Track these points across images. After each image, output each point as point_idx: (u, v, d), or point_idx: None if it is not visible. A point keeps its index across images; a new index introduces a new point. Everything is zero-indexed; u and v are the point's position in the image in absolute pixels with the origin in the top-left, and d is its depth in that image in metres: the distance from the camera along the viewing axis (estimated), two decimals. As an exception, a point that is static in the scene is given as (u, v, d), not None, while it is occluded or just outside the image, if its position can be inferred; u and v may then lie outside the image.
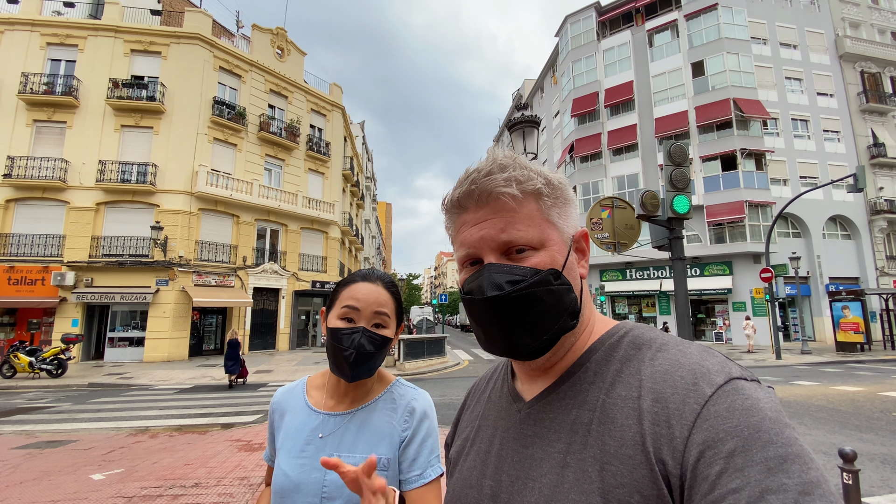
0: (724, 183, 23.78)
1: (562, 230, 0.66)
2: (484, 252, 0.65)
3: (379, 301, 1.10)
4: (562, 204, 0.67)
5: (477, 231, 0.65)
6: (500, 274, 0.62)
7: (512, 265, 0.62)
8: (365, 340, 1.06)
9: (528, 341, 0.62)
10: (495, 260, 0.64)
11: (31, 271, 17.15)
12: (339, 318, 1.09)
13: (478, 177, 0.64)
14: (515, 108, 6.17)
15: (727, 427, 0.47)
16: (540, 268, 0.62)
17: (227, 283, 20.08)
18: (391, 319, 1.13)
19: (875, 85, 27.58)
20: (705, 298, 24.91)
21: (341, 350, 1.05)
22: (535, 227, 0.64)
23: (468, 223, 0.66)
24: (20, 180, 17.34)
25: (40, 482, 4.86)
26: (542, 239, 0.64)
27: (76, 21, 19.42)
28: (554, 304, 0.62)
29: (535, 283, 0.61)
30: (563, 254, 0.65)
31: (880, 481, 4.61)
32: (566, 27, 31.30)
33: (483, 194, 0.64)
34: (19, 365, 12.86)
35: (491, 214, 0.64)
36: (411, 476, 1.06)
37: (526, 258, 0.63)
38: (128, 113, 18.84)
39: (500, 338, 0.63)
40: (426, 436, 1.11)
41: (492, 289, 0.61)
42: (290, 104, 24.64)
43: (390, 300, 1.13)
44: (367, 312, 1.08)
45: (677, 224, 5.24)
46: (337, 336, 1.07)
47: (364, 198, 39.18)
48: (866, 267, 25.14)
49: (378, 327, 1.10)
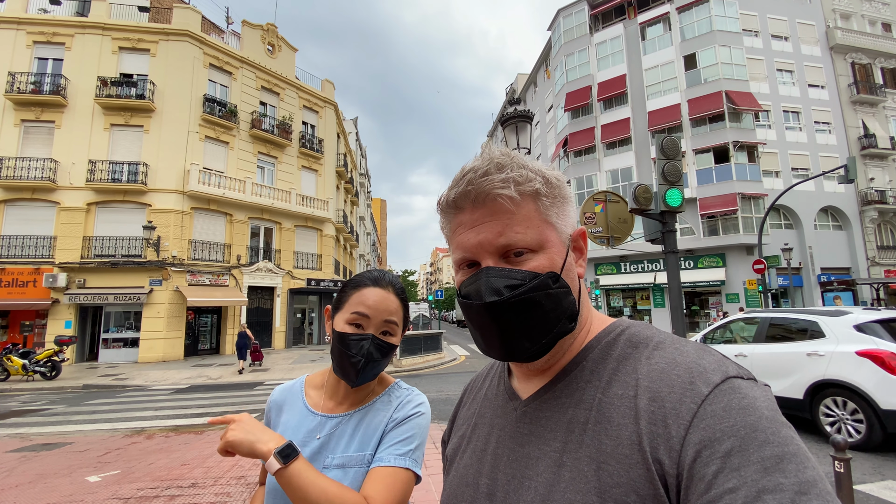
0: (717, 175, 23.93)
1: (560, 230, 0.65)
2: (481, 256, 0.63)
3: (389, 309, 1.09)
4: (560, 203, 0.66)
5: (474, 235, 0.63)
6: (499, 279, 0.61)
7: (510, 269, 0.61)
8: (373, 348, 1.06)
9: (527, 346, 0.61)
10: (493, 263, 0.62)
11: (23, 273, 16.98)
12: (347, 322, 1.07)
13: (474, 177, 0.63)
14: (508, 103, 6.16)
15: (724, 426, 0.47)
16: (539, 271, 0.61)
17: (221, 283, 19.98)
18: (399, 327, 1.12)
19: (866, 76, 27.77)
20: (699, 290, 25.10)
21: (349, 356, 1.05)
22: (533, 229, 0.62)
23: (465, 225, 0.65)
24: (9, 181, 17.12)
25: (36, 485, 4.83)
26: (541, 241, 0.63)
27: (63, 19, 19.13)
28: (553, 307, 0.61)
29: (533, 288, 0.60)
30: (561, 255, 0.64)
31: (872, 469, 4.68)
32: (559, 21, 31.24)
33: (480, 195, 0.63)
34: (13, 367, 12.75)
35: (488, 216, 0.62)
36: (382, 455, 1.03)
37: (524, 261, 0.62)
38: (117, 111, 18.62)
39: (499, 342, 0.62)
40: (409, 432, 1.07)
41: (490, 294, 0.60)
42: (282, 101, 24.46)
43: (400, 307, 1.12)
44: (377, 320, 1.07)
45: (670, 217, 5.26)
46: (345, 342, 1.05)
47: (358, 194, 39.06)
48: (857, 257, 25.40)
49: (386, 335, 1.09)
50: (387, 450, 1.04)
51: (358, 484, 1.01)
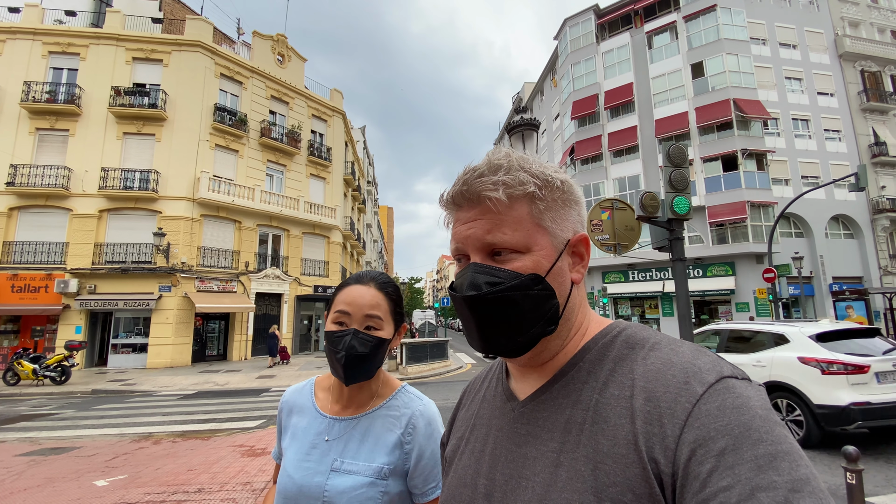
0: (726, 183, 23.76)
1: (554, 234, 0.65)
2: (470, 250, 0.66)
3: (371, 303, 1.09)
4: (559, 207, 0.66)
5: (465, 229, 0.66)
6: (481, 274, 0.63)
7: (493, 267, 0.63)
8: (356, 342, 1.06)
9: (504, 342, 0.63)
10: (480, 260, 0.65)
11: (35, 279, 17.21)
12: (332, 322, 1.10)
13: (471, 177, 0.65)
14: (515, 112, 6.18)
15: (718, 425, 0.48)
16: (521, 272, 0.62)
17: (229, 289, 20.12)
18: (384, 321, 1.11)
19: (875, 84, 27.56)
20: (708, 299, 24.84)
21: (335, 353, 1.06)
22: (521, 232, 0.63)
23: (460, 220, 0.68)
24: (23, 188, 17.44)
25: (44, 489, 4.87)
26: (528, 243, 0.64)
27: (78, 30, 19.57)
28: (531, 308, 0.62)
29: (512, 287, 0.61)
30: (550, 259, 0.64)
31: (885, 481, 4.58)
32: (565, 30, 31.39)
33: (472, 195, 0.65)
34: (23, 372, 12.88)
35: (479, 215, 0.65)
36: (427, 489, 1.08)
37: (507, 261, 0.63)
38: (130, 120, 18.94)
39: (478, 334, 0.64)
40: (433, 453, 1.10)
41: (470, 288, 0.63)
42: (292, 110, 24.74)
43: (384, 301, 1.12)
44: (358, 316, 1.08)
45: (677, 225, 5.24)
46: (331, 339, 1.08)
47: (365, 202, 39.25)
48: (870, 266, 25.04)
49: (370, 329, 1.09)
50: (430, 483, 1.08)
51: (371, 494, 1.03)
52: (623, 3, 29.18)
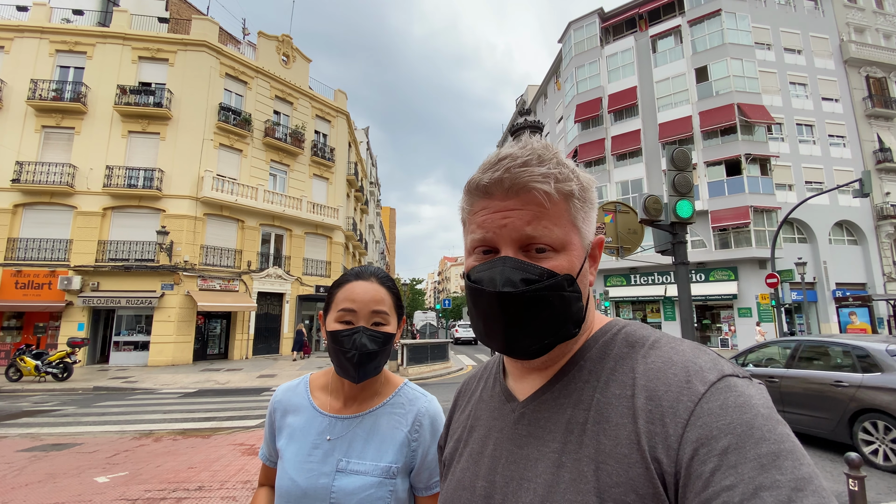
0: (729, 188, 23.71)
1: (583, 235, 0.64)
2: (502, 242, 0.62)
3: (375, 299, 1.07)
4: (588, 208, 0.65)
5: (500, 218, 0.61)
6: (516, 270, 0.59)
7: (529, 263, 0.60)
8: (366, 339, 1.03)
9: (529, 343, 0.61)
10: (512, 254, 0.61)
11: (38, 275, 17.30)
12: (337, 321, 1.06)
13: (513, 165, 0.61)
14: (519, 114, 6.18)
15: (720, 424, 0.48)
16: (557, 271, 0.60)
17: (231, 288, 20.16)
18: (390, 316, 1.09)
19: (881, 89, 27.48)
20: (711, 304, 24.77)
21: (344, 352, 1.03)
22: (560, 228, 0.61)
23: (491, 209, 0.63)
24: (28, 185, 17.54)
25: (45, 484, 4.88)
26: (565, 242, 0.61)
27: (85, 28, 19.68)
28: (562, 310, 0.60)
29: (549, 287, 0.59)
30: (580, 259, 0.63)
31: (887, 489, 4.56)
32: (570, 33, 31.43)
33: (515, 185, 0.61)
34: (25, 368, 12.92)
35: (519, 205, 0.61)
36: (431, 483, 1.07)
37: (544, 259, 0.61)
38: (135, 119, 19.03)
39: (501, 334, 0.61)
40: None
41: (505, 284, 0.58)
42: (296, 110, 24.80)
43: (387, 296, 1.10)
44: (365, 312, 1.05)
45: (680, 228, 5.23)
46: (337, 339, 1.04)
47: (368, 203, 39.29)
48: (873, 272, 24.92)
49: (378, 325, 1.07)
50: (435, 478, 1.07)
51: (380, 494, 1.01)
52: (627, 6, 29.20)
